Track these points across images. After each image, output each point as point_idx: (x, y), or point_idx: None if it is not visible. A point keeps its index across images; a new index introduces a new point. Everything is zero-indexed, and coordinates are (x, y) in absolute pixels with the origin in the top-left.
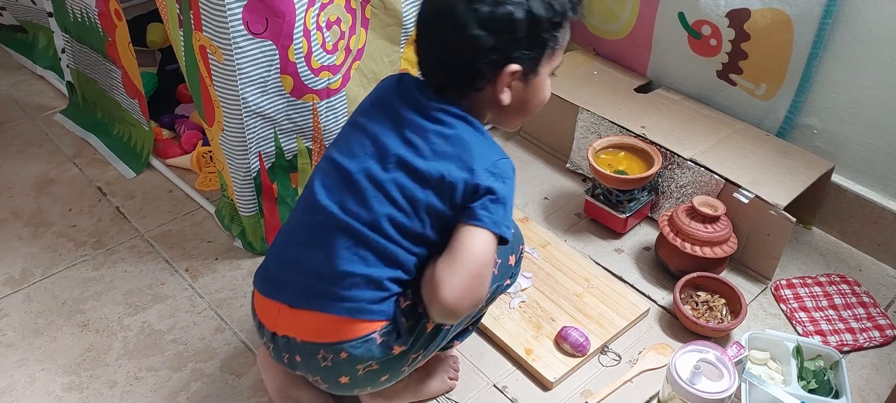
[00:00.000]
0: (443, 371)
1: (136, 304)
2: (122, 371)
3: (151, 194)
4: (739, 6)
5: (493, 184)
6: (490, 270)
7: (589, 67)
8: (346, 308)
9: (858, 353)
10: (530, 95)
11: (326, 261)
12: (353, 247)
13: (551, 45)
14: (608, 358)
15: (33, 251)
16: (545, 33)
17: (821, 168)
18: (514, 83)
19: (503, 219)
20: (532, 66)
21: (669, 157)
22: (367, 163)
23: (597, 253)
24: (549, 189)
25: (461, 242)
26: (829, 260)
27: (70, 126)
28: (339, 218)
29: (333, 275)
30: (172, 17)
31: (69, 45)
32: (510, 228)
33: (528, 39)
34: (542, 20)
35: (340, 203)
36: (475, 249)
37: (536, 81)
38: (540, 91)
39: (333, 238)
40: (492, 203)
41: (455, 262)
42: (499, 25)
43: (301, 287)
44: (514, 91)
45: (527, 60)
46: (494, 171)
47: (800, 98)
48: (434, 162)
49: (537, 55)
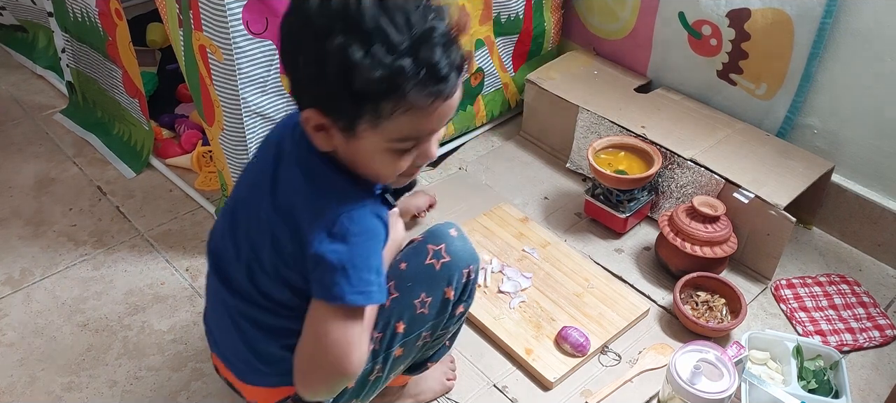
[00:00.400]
0: (440, 373)
1: (136, 304)
2: (122, 371)
3: (151, 194)
4: (740, 6)
5: (328, 249)
6: (351, 344)
7: (589, 67)
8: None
9: (858, 353)
10: (356, 157)
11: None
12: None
13: (368, 113)
14: (608, 358)
15: (33, 250)
16: (363, 87)
17: (821, 168)
18: (333, 133)
19: (350, 286)
20: (347, 125)
21: (669, 157)
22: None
23: (597, 253)
24: (549, 189)
25: (308, 321)
26: (829, 260)
27: (70, 125)
28: (226, 296)
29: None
30: (172, 17)
31: (69, 44)
32: (366, 288)
33: (337, 86)
34: (359, 69)
35: (226, 278)
36: (320, 329)
37: (359, 145)
38: (367, 158)
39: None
40: (328, 273)
41: (304, 345)
42: (292, 48)
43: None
44: (336, 141)
45: (336, 115)
46: (334, 231)
47: (800, 98)
48: (277, 220)
49: (349, 117)
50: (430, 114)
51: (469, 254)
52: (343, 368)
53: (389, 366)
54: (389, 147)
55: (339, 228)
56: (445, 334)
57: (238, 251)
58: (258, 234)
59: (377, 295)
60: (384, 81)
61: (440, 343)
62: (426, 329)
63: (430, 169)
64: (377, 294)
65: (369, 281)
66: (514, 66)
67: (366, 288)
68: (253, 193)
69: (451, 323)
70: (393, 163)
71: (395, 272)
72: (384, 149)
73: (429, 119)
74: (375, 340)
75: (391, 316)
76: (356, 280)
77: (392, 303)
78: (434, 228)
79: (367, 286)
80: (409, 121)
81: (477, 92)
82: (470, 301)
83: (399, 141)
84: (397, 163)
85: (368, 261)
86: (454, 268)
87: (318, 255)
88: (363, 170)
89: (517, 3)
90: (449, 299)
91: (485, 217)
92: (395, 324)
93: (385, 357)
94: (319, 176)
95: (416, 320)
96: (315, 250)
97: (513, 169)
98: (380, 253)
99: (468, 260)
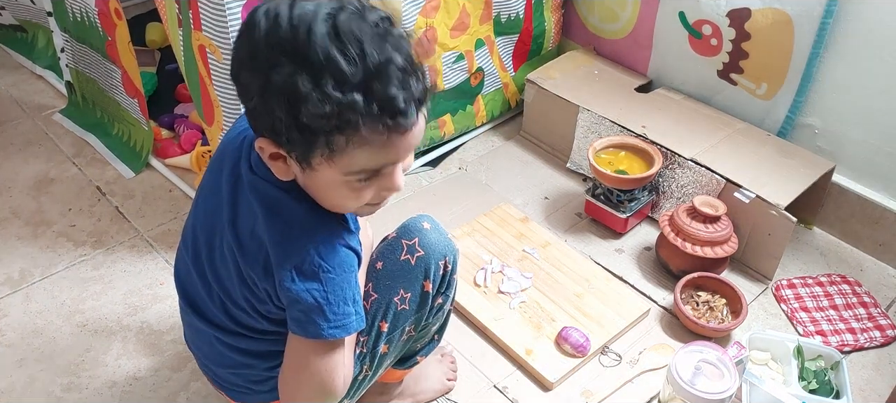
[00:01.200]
0: (440, 373)
1: (136, 304)
2: (121, 371)
3: (151, 194)
4: (740, 6)
5: (300, 288)
6: (333, 372)
7: (589, 67)
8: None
9: (859, 353)
10: (314, 187)
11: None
12: (231, 353)
13: (320, 144)
14: (609, 359)
15: (32, 251)
16: (311, 122)
17: (822, 168)
18: (291, 164)
19: (327, 323)
20: (302, 155)
21: (670, 157)
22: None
23: (597, 253)
24: (549, 189)
25: (289, 353)
26: (829, 261)
27: (69, 125)
28: (202, 326)
29: (228, 377)
30: (172, 17)
31: (69, 44)
32: (343, 321)
33: (286, 118)
34: (307, 103)
35: (199, 312)
36: (301, 362)
37: (316, 176)
38: (325, 189)
39: (208, 347)
40: (304, 312)
41: (287, 374)
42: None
43: (216, 378)
44: (294, 169)
45: (289, 146)
46: (304, 268)
47: (801, 98)
48: (243, 256)
49: (303, 148)
50: (389, 148)
51: (443, 245)
52: (330, 392)
53: (376, 364)
54: (348, 180)
55: (310, 266)
56: (430, 327)
57: (208, 289)
58: (225, 271)
59: (356, 325)
60: (334, 117)
61: (427, 337)
62: (409, 323)
63: (430, 169)
64: (355, 323)
65: (347, 313)
66: (515, 66)
67: (343, 322)
68: (211, 221)
69: (433, 316)
70: (354, 195)
71: (372, 272)
72: (342, 182)
73: (387, 152)
74: (361, 343)
75: (375, 316)
76: (332, 315)
77: (373, 305)
78: (407, 222)
79: (344, 318)
80: (366, 155)
81: (477, 92)
82: (450, 292)
83: (357, 173)
84: (359, 195)
85: (344, 294)
86: (430, 261)
87: (291, 294)
88: (325, 202)
89: (517, 2)
90: (428, 292)
91: (485, 217)
92: (378, 324)
93: (371, 357)
94: (282, 208)
95: (398, 316)
96: (288, 289)
97: (513, 169)
98: (354, 283)
99: (443, 252)
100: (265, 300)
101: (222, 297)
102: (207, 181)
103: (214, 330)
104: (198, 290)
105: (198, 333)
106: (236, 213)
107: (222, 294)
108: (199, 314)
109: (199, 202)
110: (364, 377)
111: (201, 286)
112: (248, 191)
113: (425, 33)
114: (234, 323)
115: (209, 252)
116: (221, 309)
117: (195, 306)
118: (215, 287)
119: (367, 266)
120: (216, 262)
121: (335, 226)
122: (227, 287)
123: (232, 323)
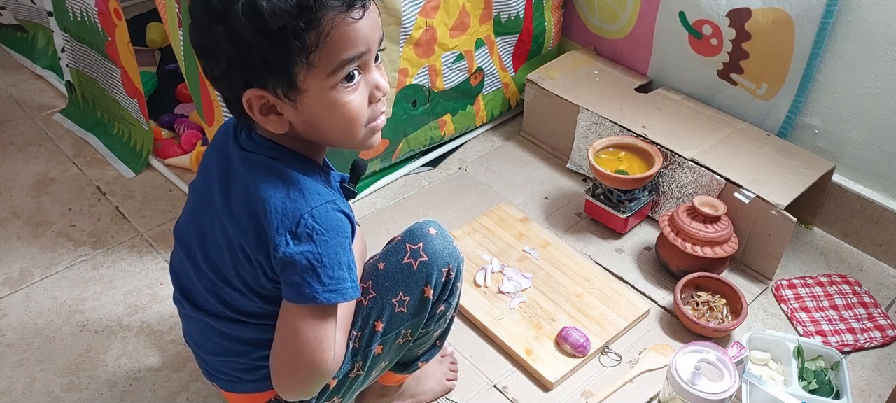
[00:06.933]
0: (441, 373)
1: (136, 304)
2: (122, 371)
3: (151, 194)
4: (740, 6)
5: (295, 251)
6: (325, 342)
7: (589, 67)
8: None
9: (859, 353)
10: (314, 116)
11: (212, 355)
12: (223, 341)
13: (297, 55)
14: (609, 359)
15: (33, 251)
16: (265, 46)
17: (822, 168)
18: (281, 107)
19: (321, 286)
20: (286, 85)
21: (670, 157)
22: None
23: (597, 253)
24: (549, 189)
25: (281, 324)
26: (830, 261)
27: (70, 125)
28: (197, 315)
29: (220, 366)
30: (172, 17)
31: (69, 44)
32: (338, 286)
33: (247, 58)
34: (248, 35)
35: (194, 303)
36: (294, 330)
37: (309, 99)
38: (328, 108)
39: (202, 336)
40: (298, 274)
41: (279, 348)
42: (208, 53)
43: (209, 369)
44: (289, 115)
45: (269, 80)
46: (298, 231)
47: (801, 98)
48: (236, 230)
49: (281, 72)
50: (356, 29)
51: (448, 253)
52: (319, 367)
53: (369, 364)
54: (335, 84)
55: (304, 228)
56: (431, 333)
57: (200, 274)
58: (217, 253)
59: (351, 292)
60: (295, 9)
61: (428, 343)
62: (405, 327)
63: (430, 169)
64: (351, 290)
65: (342, 278)
66: (515, 66)
67: (338, 286)
68: (203, 209)
69: (434, 323)
70: (351, 105)
71: (374, 272)
72: (332, 89)
73: (356, 35)
74: (355, 338)
75: (370, 315)
76: (327, 278)
77: (370, 302)
78: (413, 227)
79: (339, 283)
80: (338, 44)
81: (477, 91)
82: (452, 299)
83: (339, 70)
84: (356, 104)
85: (338, 258)
86: (432, 267)
87: (286, 258)
88: (333, 133)
89: (517, 2)
90: (428, 298)
91: (485, 217)
92: (373, 323)
93: (364, 356)
94: (274, 175)
95: (394, 319)
96: (282, 253)
97: (513, 169)
98: (349, 249)
99: (447, 259)
100: (258, 274)
101: (215, 280)
102: (199, 178)
103: (206, 316)
104: (191, 279)
105: (191, 322)
106: (229, 192)
107: (215, 276)
108: (191, 302)
109: (190, 198)
110: (356, 375)
111: (194, 273)
112: (240, 168)
113: (425, 32)
114: (227, 307)
115: (201, 239)
116: (213, 294)
117: (188, 295)
118: (208, 271)
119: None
120: (208, 247)
121: (327, 192)
122: (220, 268)
123: (224, 308)
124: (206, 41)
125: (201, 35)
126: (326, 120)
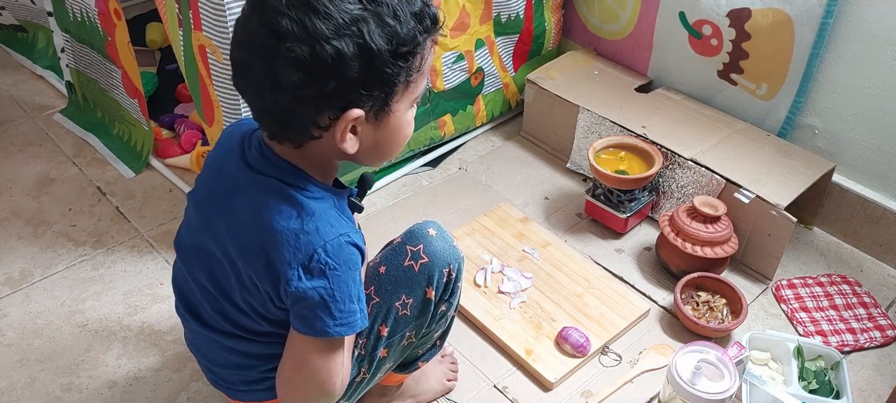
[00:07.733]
0: (441, 373)
1: (136, 304)
2: (122, 371)
3: (151, 194)
4: (740, 6)
5: (307, 286)
6: (334, 371)
7: (590, 67)
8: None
9: (859, 353)
10: (384, 137)
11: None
12: (229, 356)
13: (403, 77)
14: (609, 359)
15: (33, 251)
16: (390, 67)
17: (822, 168)
18: (362, 128)
19: (332, 320)
20: (381, 106)
21: (670, 157)
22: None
23: (597, 254)
24: (549, 189)
25: (289, 351)
26: (830, 261)
27: (70, 126)
28: (201, 329)
29: (227, 376)
30: (172, 17)
31: (69, 44)
32: (349, 319)
33: (369, 78)
34: (382, 54)
35: (198, 317)
36: (303, 359)
37: (390, 120)
38: (397, 130)
39: (207, 348)
40: (310, 309)
41: (286, 372)
42: (324, 68)
43: (215, 378)
44: (363, 135)
45: (371, 101)
46: (311, 266)
47: (801, 98)
48: (245, 260)
49: (385, 94)
50: (431, 53)
51: (448, 253)
52: (328, 393)
53: (375, 368)
54: (413, 105)
55: (317, 263)
56: (432, 333)
57: (206, 294)
58: (224, 278)
59: (361, 323)
60: (407, 46)
61: (429, 343)
62: (409, 329)
63: (430, 169)
64: (361, 321)
65: (352, 311)
66: (515, 66)
67: (349, 320)
68: (207, 233)
69: (435, 322)
70: (412, 126)
71: (375, 276)
72: (409, 110)
73: (429, 58)
74: (360, 345)
75: (375, 320)
76: (338, 313)
77: (374, 308)
78: (413, 228)
79: (350, 316)
80: (428, 67)
81: (477, 92)
82: (454, 299)
83: (419, 92)
84: (413, 124)
85: (349, 291)
86: (433, 268)
87: (298, 293)
88: (392, 147)
89: (517, 2)
90: (430, 299)
91: (485, 217)
92: (378, 328)
93: (370, 360)
94: (287, 201)
95: (398, 322)
96: (295, 288)
97: (513, 169)
98: (359, 280)
99: (448, 260)
100: (266, 302)
101: (221, 301)
102: (199, 191)
103: (213, 333)
104: (195, 295)
105: (197, 336)
106: (236, 216)
107: (222, 298)
108: (197, 319)
109: (191, 213)
110: (362, 379)
111: (199, 292)
112: (250, 191)
113: None
114: (234, 326)
115: (206, 260)
116: (219, 313)
117: (193, 310)
118: (214, 292)
119: (371, 268)
120: (214, 271)
121: (339, 223)
122: (227, 291)
123: (231, 326)
124: (316, 58)
125: (315, 51)
126: (391, 140)
